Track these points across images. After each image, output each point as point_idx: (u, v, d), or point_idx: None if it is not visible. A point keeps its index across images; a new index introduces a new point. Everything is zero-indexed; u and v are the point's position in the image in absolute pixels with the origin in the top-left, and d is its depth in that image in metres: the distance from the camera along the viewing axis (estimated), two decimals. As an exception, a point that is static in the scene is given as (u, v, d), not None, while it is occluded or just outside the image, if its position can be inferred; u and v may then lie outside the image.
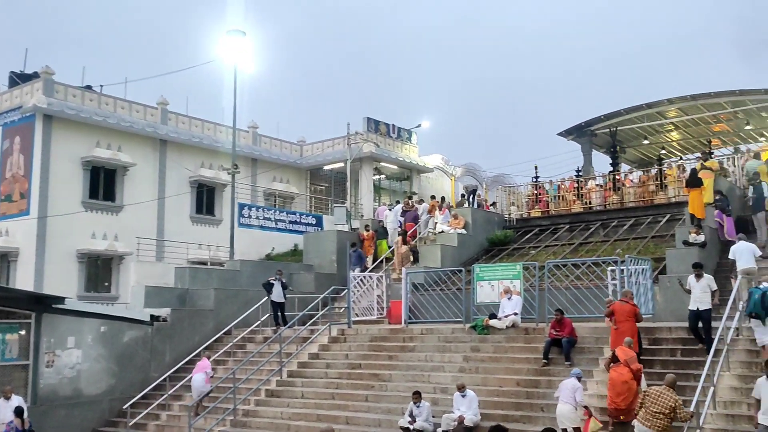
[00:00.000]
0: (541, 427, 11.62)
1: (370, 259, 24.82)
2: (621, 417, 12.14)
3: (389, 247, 25.73)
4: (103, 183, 28.57)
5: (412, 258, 23.71)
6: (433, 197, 30.70)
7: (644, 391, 11.37)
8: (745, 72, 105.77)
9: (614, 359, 12.71)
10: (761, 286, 12.98)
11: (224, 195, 31.71)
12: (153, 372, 20.19)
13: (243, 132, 34.49)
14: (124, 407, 18.50)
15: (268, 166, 34.99)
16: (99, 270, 28.32)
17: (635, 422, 11.18)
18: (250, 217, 27.85)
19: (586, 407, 12.72)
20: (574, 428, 12.60)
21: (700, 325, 14.00)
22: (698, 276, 14.24)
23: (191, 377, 18.77)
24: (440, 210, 26.37)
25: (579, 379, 13.06)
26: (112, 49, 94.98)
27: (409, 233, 25.30)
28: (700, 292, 14.02)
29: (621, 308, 13.93)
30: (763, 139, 31.25)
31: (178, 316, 21.18)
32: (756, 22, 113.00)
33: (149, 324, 20.51)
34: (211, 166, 32.23)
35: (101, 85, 30.21)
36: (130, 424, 18.25)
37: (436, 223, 25.99)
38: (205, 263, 27.99)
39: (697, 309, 13.96)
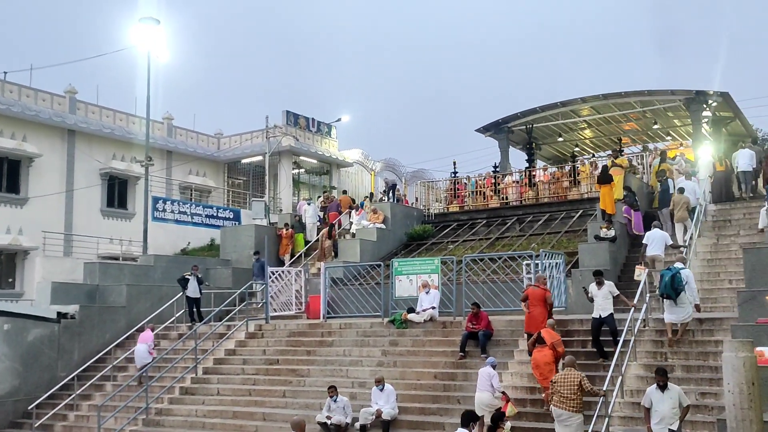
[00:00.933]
0: (458, 420, 11.79)
1: (287, 257, 24.43)
2: (551, 380, 12.16)
3: (307, 242, 25.61)
4: (6, 174, 27.42)
5: (333, 253, 23.70)
6: (345, 192, 30.66)
7: (552, 380, 11.80)
8: (660, 63, 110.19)
9: (539, 341, 13.22)
10: (672, 268, 13.65)
11: (137, 188, 30.92)
12: (60, 371, 19.52)
13: (157, 123, 33.72)
14: (29, 408, 17.86)
15: (184, 159, 34.31)
16: (2, 265, 27.17)
17: (552, 407, 11.60)
18: (164, 210, 27.31)
19: (503, 392, 13.09)
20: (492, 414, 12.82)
21: (604, 336, 13.94)
22: (599, 283, 14.15)
23: (133, 350, 18.85)
24: (356, 211, 26.42)
25: (494, 367, 13.34)
26: (17, 36, 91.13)
27: (335, 226, 25.30)
28: (602, 299, 14.02)
29: (533, 293, 14.50)
30: (669, 138, 32.58)
31: (88, 314, 20.53)
32: (670, 10, 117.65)
33: (56, 322, 19.81)
34: (124, 158, 31.37)
35: (5, 72, 28.95)
36: (36, 425, 17.62)
37: (351, 222, 26.00)
38: (116, 258, 27.26)
39: (600, 316, 13.98)
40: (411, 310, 17.64)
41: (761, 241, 16.50)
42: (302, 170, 37.81)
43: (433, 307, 17.43)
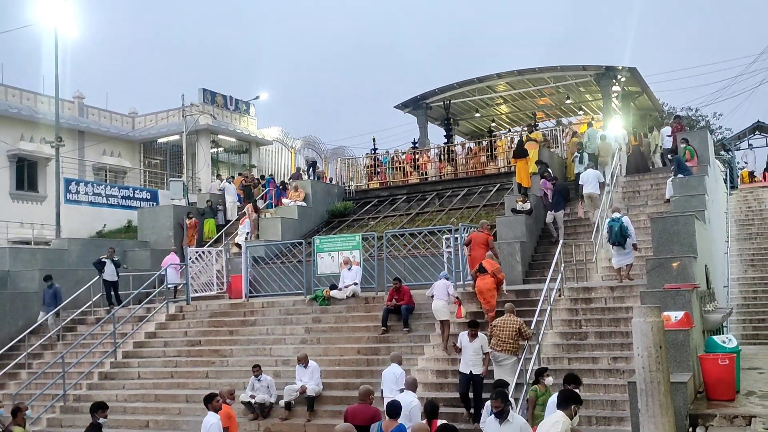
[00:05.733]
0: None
1: (192, 249, 21.58)
2: (491, 324, 12.79)
3: (227, 222, 25.21)
4: None
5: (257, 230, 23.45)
6: (240, 174, 30.17)
7: (491, 324, 12.60)
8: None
9: (480, 270, 14.34)
10: (614, 217, 14.94)
11: (48, 170, 29.71)
12: (-29, 361, 18.70)
13: (67, 102, 32.49)
14: (-64, 400, 17.06)
15: (97, 139, 33.17)
16: None
17: (490, 350, 12.26)
18: (78, 192, 26.45)
19: (457, 297, 14.77)
20: (443, 321, 14.43)
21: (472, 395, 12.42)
22: (472, 335, 12.37)
23: (164, 270, 20.32)
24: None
25: (447, 279, 14.91)
26: None
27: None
28: (473, 354, 12.29)
29: (476, 237, 15.71)
30: (581, 112, 33.44)
31: (-2, 300, 19.71)
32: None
33: (-35, 310, 18.93)
34: (32, 139, 30.09)
35: None
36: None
37: (237, 233, 24.19)
38: (28, 243, 26.22)
39: (470, 373, 12.25)
40: (333, 287, 17.64)
41: (668, 210, 17.14)
42: (221, 149, 37.11)
43: (356, 283, 17.49)
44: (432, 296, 14.82)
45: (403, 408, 9.21)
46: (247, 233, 23.20)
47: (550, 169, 20.10)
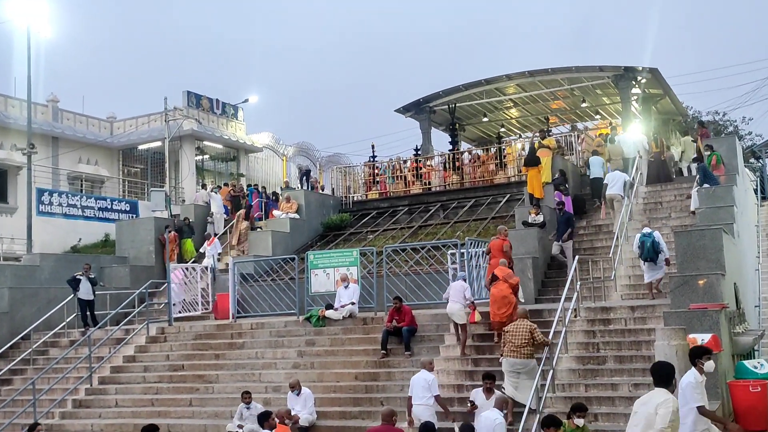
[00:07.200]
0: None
1: (174, 264, 21.73)
2: (503, 329, 13.13)
3: (204, 240, 25.08)
4: None
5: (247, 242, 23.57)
6: (226, 184, 30.19)
7: (504, 330, 12.89)
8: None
9: (493, 278, 14.71)
10: (645, 232, 15.49)
11: (19, 179, 29.67)
12: (-67, 387, 18.63)
13: (40, 106, 32.56)
14: None
15: (73, 146, 33.23)
16: None
17: (502, 359, 12.66)
18: (51, 204, 26.51)
19: (472, 302, 15.02)
20: (461, 324, 14.83)
21: None
22: (488, 390, 12.00)
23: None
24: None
25: (465, 280, 15.41)
26: None
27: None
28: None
29: (494, 244, 16.20)
30: (598, 117, 33.47)
31: (-36, 321, 19.68)
32: None
33: (-73, 331, 18.88)
34: (2, 146, 30.15)
35: None
36: None
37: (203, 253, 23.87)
38: (-4, 258, 26.18)
39: None
40: (329, 307, 17.59)
41: (693, 224, 17.11)
42: (206, 156, 37.16)
43: (353, 303, 17.44)
44: (447, 298, 15.31)
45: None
46: (217, 255, 22.97)
47: (568, 184, 20.14)
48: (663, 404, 7.05)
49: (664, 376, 7.36)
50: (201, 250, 23.77)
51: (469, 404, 12.28)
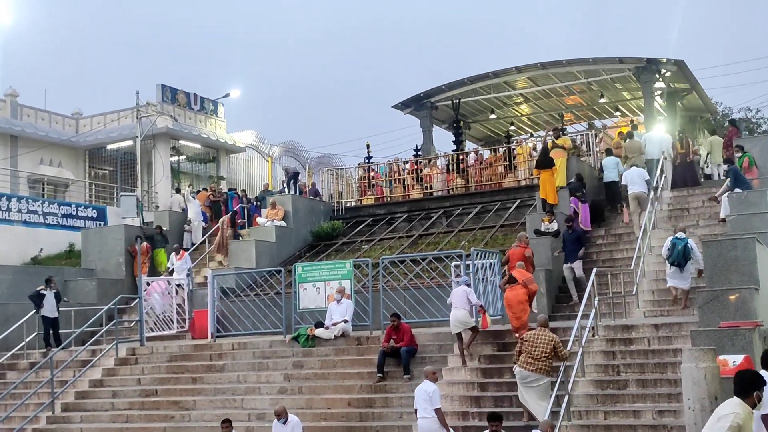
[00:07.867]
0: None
1: (144, 278, 21.48)
2: (521, 337, 13.28)
3: (191, 246, 25.15)
4: None
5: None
6: (205, 189, 30.20)
7: (521, 338, 13.03)
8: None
9: (510, 280, 15.18)
10: (679, 236, 15.95)
11: (-27, 183, 29.73)
12: None
13: (-2, 101, 32.53)
14: None
15: (34, 145, 33.22)
16: None
17: (515, 368, 12.78)
18: (9, 210, 26.59)
19: (481, 306, 15.61)
20: (471, 329, 15.23)
21: None
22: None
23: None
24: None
25: (468, 285, 15.57)
26: None
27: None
28: None
29: (513, 253, 16.72)
30: (618, 113, 33.52)
31: None
32: None
33: None
34: (-45, 145, 30.12)
35: None
36: None
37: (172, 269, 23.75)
38: (-52, 271, 26.10)
39: None
40: (319, 325, 17.59)
41: (723, 232, 17.14)
42: (183, 157, 37.15)
43: (346, 320, 17.44)
44: (450, 304, 15.59)
45: None
46: (187, 271, 22.90)
47: (584, 189, 20.18)
48: (725, 417, 6.82)
49: (738, 384, 7.02)
50: (168, 265, 23.64)
51: None
